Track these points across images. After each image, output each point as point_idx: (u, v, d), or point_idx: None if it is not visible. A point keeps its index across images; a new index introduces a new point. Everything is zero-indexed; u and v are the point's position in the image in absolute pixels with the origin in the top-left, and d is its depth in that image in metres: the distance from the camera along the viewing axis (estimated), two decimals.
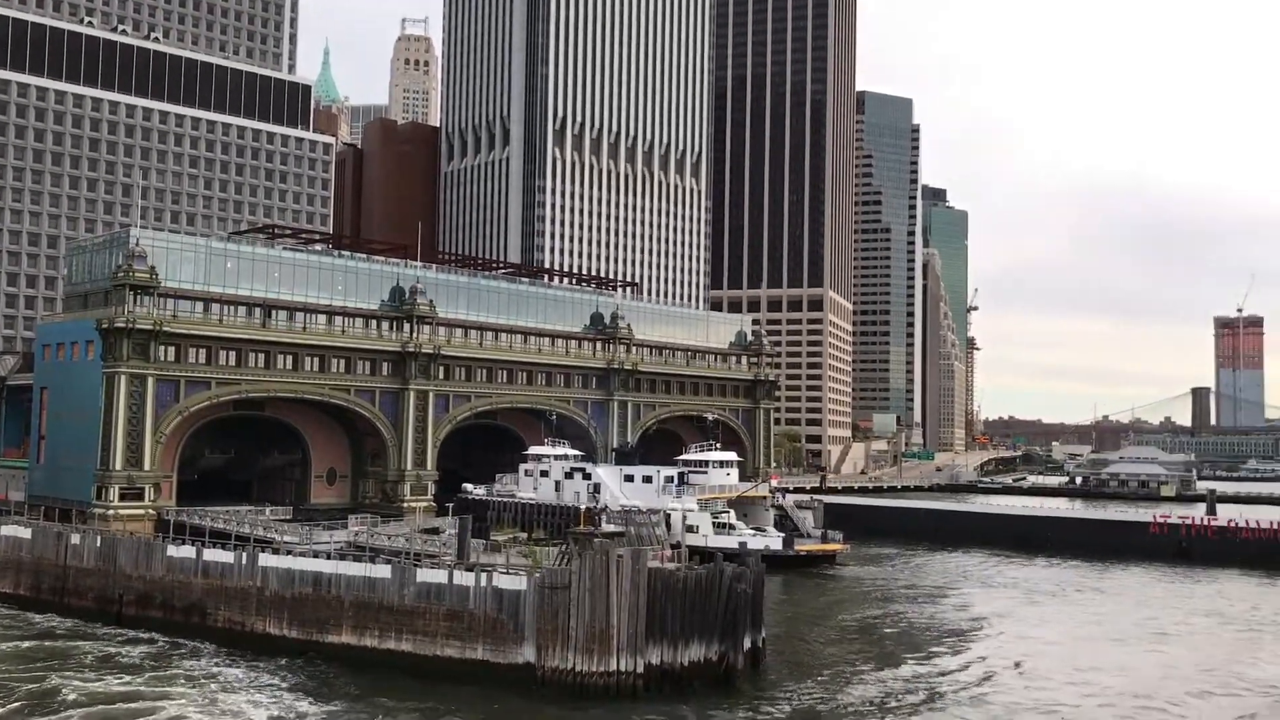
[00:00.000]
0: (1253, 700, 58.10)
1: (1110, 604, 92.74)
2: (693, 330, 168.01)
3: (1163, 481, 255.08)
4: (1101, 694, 58.65)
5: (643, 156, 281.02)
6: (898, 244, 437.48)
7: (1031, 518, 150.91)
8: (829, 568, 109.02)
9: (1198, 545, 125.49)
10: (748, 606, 59.33)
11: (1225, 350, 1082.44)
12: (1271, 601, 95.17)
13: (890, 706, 54.16)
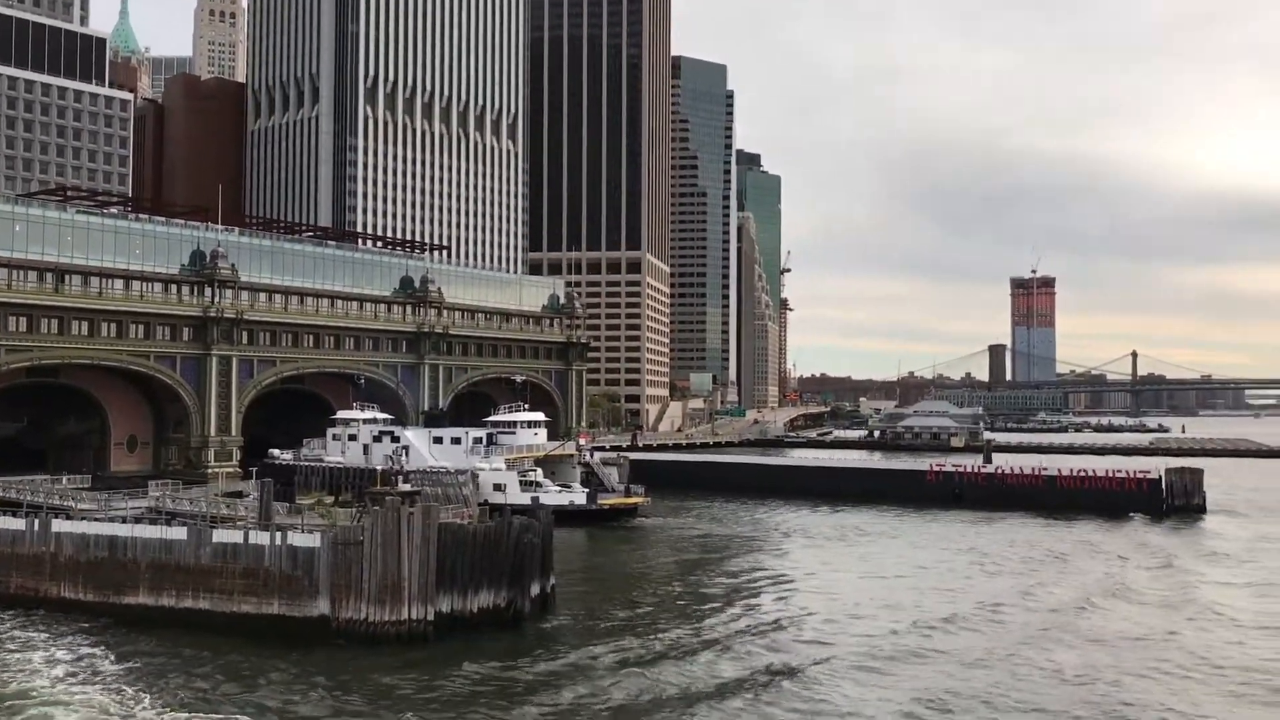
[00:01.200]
0: (973, 611, 65.62)
1: (883, 544, 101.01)
2: (505, 293, 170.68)
3: (953, 433, 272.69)
4: (868, 621, 65.09)
5: (458, 117, 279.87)
6: (713, 208, 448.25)
7: (826, 469, 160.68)
8: (631, 520, 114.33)
9: (970, 491, 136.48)
10: (535, 556, 63.32)
11: (1020, 309, 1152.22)
12: (1023, 536, 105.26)
13: (668, 643, 58.87)
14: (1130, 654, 57.43)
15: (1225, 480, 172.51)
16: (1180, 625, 64.99)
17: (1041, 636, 61.59)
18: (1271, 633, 62.73)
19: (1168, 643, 60.25)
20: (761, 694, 49.14)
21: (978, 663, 55.32)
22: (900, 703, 48.06)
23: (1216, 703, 48.94)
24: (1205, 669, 54.41)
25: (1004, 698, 48.98)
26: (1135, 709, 47.55)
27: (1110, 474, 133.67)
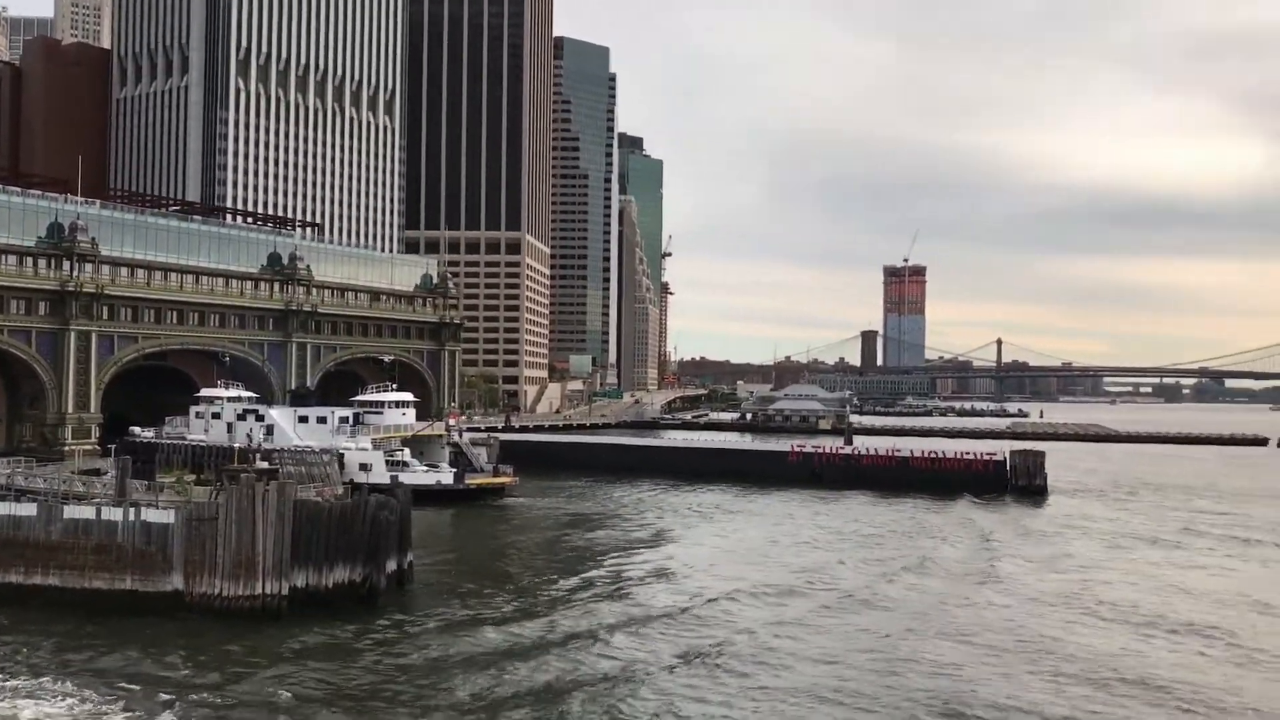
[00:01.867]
0: (799, 582, 69.38)
1: (740, 521, 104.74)
2: (377, 272, 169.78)
3: (821, 416, 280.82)
4: (708, 587, 68.13)
5: (333, 92, 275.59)
6: (595, 190, 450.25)
7: (694, 450, 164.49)
8: (499, 500, 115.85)
9: (828, 471, 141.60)
10: (392, 533, 64.57)
11: (892, 297, 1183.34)
12: (869, 514, 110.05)
13: (523, 618, 60.69)
14: (903, 620, 61.65)
15: (1070, 463, 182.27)
16: (965, 594, 69.78)
17: (843, 603, 66.33)
18: (1040, 604, 67.27)
19: (942, 609, 64.92)
20: (614, 669, 51.16)
21: (791, 626, 59.12)
22: (731, 675, 50.96)
23: (962, 657, 53.56)
24: (967, 632, 58.63)
25: (799, 654, 52.71)
26: (894, 660, 52.41)
27: (959, 455, 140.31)
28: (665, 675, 49.61)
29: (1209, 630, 59.68)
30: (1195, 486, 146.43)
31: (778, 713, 44.63)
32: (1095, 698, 46.86)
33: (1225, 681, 49.87)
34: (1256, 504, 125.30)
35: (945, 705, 45.42)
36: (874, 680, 49.00)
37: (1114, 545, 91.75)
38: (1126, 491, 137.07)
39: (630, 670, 50.38)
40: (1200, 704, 46.25)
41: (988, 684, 48.57)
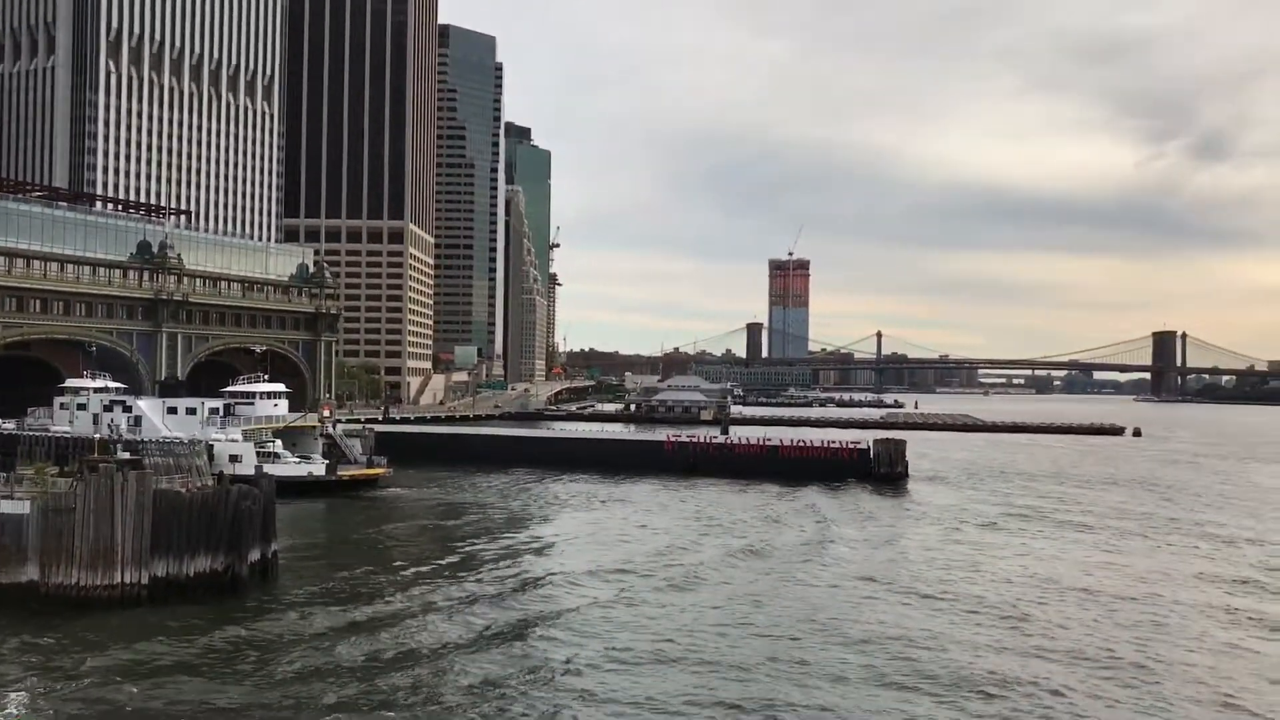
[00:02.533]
0: (658, 564, 72.35)
1: (611, 509, 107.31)
2: (252, 261, 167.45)
3: (703, 406, 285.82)
4: (568, 572, 70.38)
5: (209, 76, 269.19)
6: (481, 180, 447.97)
7: (573, 440, 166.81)
8: (371, 491, 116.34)
9: (703, 461, 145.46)
10: (255, 523, 65.24)
11: (778, 289, 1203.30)
12: (736, 500, 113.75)
13: (386, 605, 61.97)
14: (726, 596, 65.52)
15: (935, 451, 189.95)
16: (791, 572, 73.88)
17: (680, 581, 70.00)
18: (851, 579, 71.50)
19: (767, 587, 68.83)
20: (477, 651, 52.74)
21: (621, 604, 62.00)
22: (596, 648, 53.35)
23: (765, 625, 57.91)
24: (772, 610, 62.21)
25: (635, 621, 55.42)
26: (714, 630, 55.89)
27: (825, 444, 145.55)
28: (514, 651, 51.73)
29: (990, 606, 63.41)
30: (1046, 474, 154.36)
31: (597, 679, 47.08)
32: (856, 660, 50.48)
33: (972, 650, 53.43)
34: (1097, 490, 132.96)
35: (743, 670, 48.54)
36: (684, 647, 52.12)
37: (951, 527, 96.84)
38: (979, 479, 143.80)
39: (484, 646, 52.36)
40: (931, 669, 49.83)
41: (778, 648, 52.19)
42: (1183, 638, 56.50)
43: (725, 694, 45.73)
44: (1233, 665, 51.32)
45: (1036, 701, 44.98)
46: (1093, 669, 50.00)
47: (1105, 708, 44.47)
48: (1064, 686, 46.96)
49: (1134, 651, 53.10)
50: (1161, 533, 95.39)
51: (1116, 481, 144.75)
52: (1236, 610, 63.07)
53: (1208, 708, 44.76)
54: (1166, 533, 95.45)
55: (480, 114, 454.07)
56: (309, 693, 45.51)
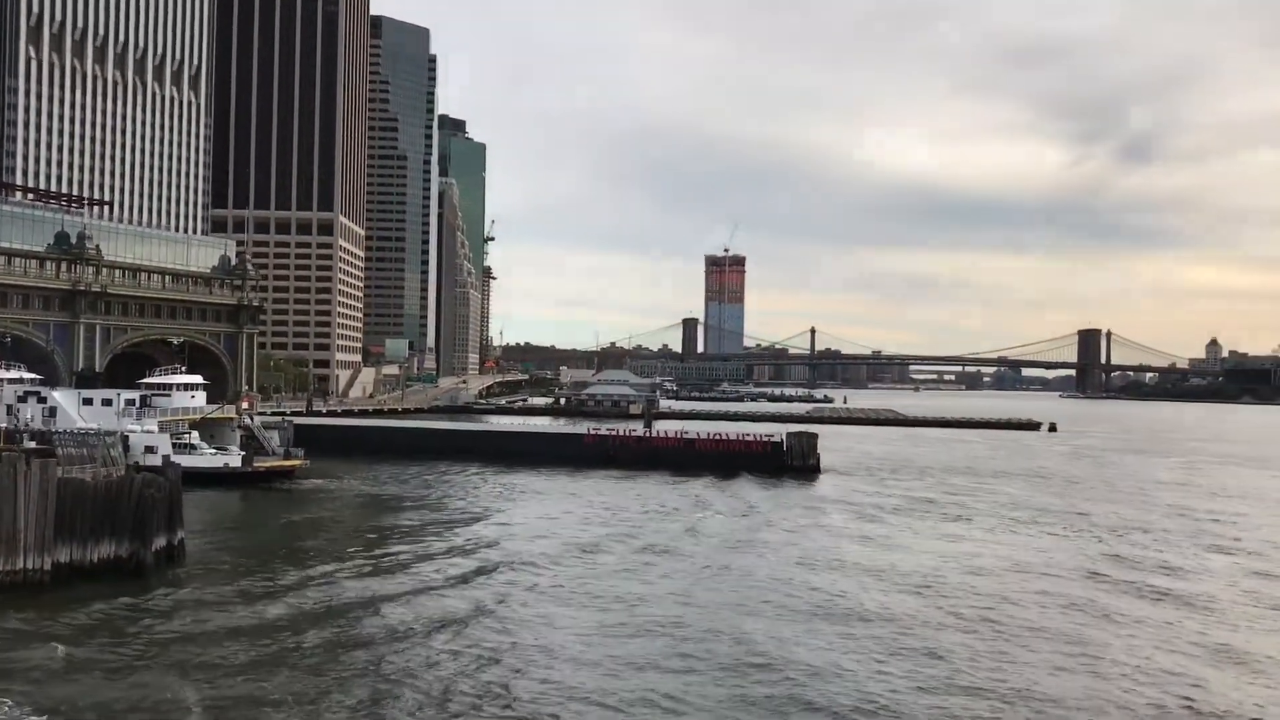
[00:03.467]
0: (561, 549, 75.10)
1: (527, 499, 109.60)
2: (173, 253, 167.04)
3: (632, 401, 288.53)
4: (469, 562, 72.64)
5: (134, 64, 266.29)
6: (414, 172, 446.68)
7: (496, 433, 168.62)
8: (288, 482, 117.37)
9: (622, 453, 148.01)
10: (160, 510, 66.64)
11: (714, 285, 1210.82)
12: (645, 491, 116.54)
13: (288, 591, 63.59)
14: (603, 578, 68.83)
15: (853, 445, 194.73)
16: (655, 558, 77.24)
17: (576, 565, 73.51)
18: (703, 568, 74.82)
19: (639, 567, 72.87)
20: (374, 635, 54.61)
21: (527, 591, 64.55)
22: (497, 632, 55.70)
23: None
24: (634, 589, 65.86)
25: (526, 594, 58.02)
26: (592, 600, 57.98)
27: (740, 438, 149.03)
28: (420, 638, 53.83)
29: (826, 590, 66.64)
30: (957, 467, 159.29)
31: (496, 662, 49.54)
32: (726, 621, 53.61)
33: (797, 633, 56.08)
34: (1002, 482, 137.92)
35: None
36: (583, 619, 54.81)
37: (852, 516, 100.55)
38: (891, 471, 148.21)
39: (390, 635, 54.24)
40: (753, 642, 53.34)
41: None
42: (1006, 618, 59.68)
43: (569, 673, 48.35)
44: (1046, 646, 54.28)
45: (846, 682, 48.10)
46: (914, 655, 52.40)
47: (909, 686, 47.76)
48: (877, 672, 50.22)
49: (952, 632, 56.31)
50: (1037, 522, 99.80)
51: (1015, 474, 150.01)
52: (1076, 596, 66.51)
53: (1006, 674, 48.21)
54: (1043, 523, 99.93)
55: (413, 106, 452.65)
56: (206, 677, 46.65)
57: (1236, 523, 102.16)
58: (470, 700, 43.91)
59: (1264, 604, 64.89)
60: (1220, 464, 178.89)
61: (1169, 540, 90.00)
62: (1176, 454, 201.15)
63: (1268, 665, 51.00)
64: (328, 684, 45.95)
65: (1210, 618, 60.83)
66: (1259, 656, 52.43)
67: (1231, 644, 54.71)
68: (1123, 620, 59.65)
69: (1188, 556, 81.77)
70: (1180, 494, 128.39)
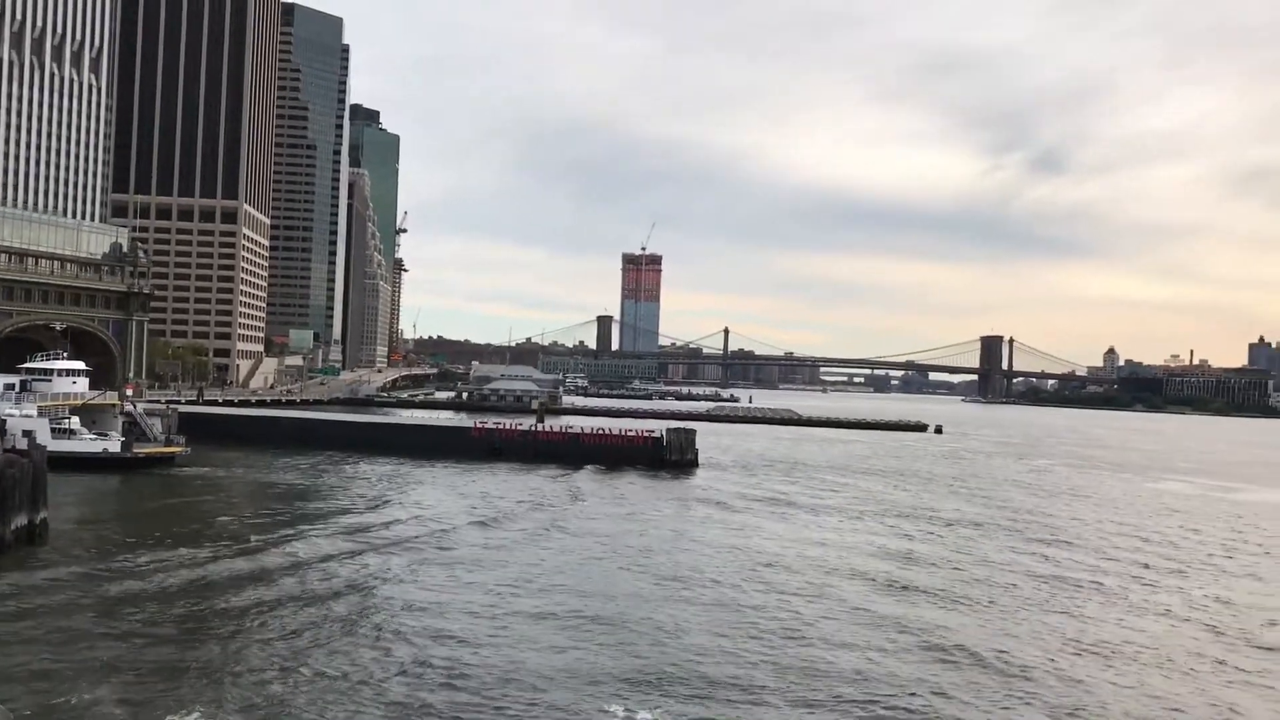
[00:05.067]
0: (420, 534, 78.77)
1: (409, 489, 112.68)
2: (63, 238, 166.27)
3: (534, 396, 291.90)
4: (340, 544, 75.90)
5: (31, 44, 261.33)
6: (323, 162, 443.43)
7: (386, 425, 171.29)
8: (168, 469, 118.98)
9: (508, 447, 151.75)
10: (21, 490, 68.85)
11: (630, 283, 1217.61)
12: (515, 483, 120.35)
13: (144, 572, 66.00)
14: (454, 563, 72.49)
15: (738, 443, 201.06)
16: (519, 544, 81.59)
17: (434, 547, 77.47)
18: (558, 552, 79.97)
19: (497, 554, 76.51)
20: (239, 616, 57.05)
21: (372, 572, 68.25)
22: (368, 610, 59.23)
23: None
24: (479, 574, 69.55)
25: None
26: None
27: (623, 433, 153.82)
28: (279, 618, 57.01)
29: (661, 569, 72.27)
30: (830, 465, 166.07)
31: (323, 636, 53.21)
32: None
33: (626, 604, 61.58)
34: (865, 479, 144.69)
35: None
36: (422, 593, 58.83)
37: (711, 506, 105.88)
38: (764, 467, 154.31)
39: (239, 611, 57.42)
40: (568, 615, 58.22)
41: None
42: (815, 600, 65.18)
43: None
44: (845, 623, 59.97)
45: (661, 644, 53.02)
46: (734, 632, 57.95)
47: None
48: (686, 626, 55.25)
49: (767, 611, 61.81)
50: (876, 515, 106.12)
51: (882, 472, 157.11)
52: (891, 578, 72.51)
53: (792, 642, 53.51)
54: (882, 514, 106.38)
55: (325, 95, 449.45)
56: (61, 654, 48.11)
57: (1065, 519, 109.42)
58: (312, 674, 47.27)
59: (1046, 590, 70.71)
60: (1080, 468, 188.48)
61: (992, 533, 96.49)
62: (1045, 457, 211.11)
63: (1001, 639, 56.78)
64: (169, 656, 48.37)
65: (984, 602, 66.60)
66: (1004, 634, 58.30)
67: (989, 622, 60.71)
68: (911, 597, 65.52)
69: (1002, 549, 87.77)
70: (1025, 493, 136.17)
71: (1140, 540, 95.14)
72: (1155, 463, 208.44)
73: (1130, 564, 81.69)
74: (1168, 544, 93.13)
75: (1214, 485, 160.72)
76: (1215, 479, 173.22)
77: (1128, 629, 59.56)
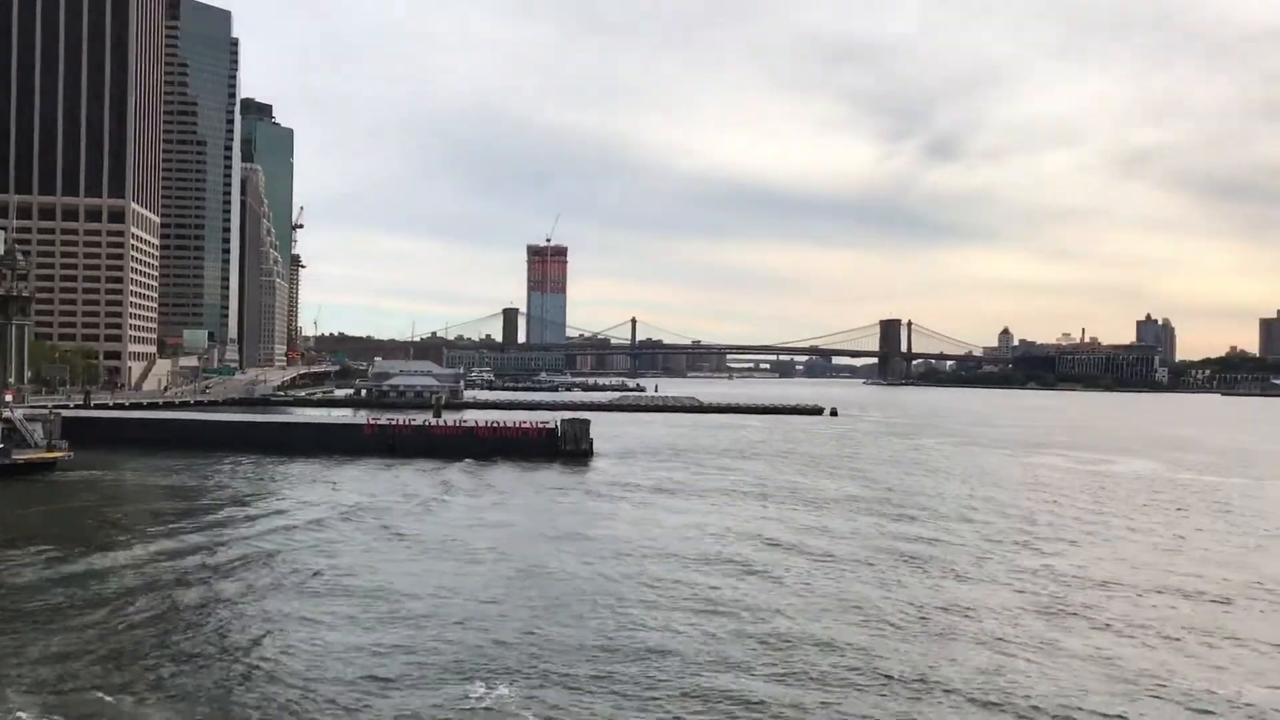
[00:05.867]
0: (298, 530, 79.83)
1: (297, 486, 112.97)
2: None
3: (435, 391, 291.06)
4: (201, 540, 76.47)
5: None
6: (214, 158, 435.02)
7: (278, 424, 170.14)
8: (49, 474, 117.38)
9: (402, 442, 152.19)
10: None
11: (536, 275, 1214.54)
12: (406, 478, 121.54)
13: (22, 581, 66.50)
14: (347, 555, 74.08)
15: (642, 430, 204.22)
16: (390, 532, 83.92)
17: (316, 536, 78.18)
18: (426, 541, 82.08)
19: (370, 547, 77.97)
20: (112, 620, 57.22)
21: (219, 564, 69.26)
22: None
23: None
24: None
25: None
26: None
27: (517, 425, 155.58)
28: (155, 620, 57.77)
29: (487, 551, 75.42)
30: (722, 449, 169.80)
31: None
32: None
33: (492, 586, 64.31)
34: (751, 462, 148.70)
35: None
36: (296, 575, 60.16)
37: (600, 495, 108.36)
38: (656, 454, 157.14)
39: (119, 616, 57.74)
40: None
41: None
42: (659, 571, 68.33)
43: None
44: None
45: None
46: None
47: None
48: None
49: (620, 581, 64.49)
50: (755, 495, 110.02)
51: (769, 455, 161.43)
52: (734, 554, 75.73)
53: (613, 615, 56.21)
54: (757, 495, 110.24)
55: (214, 90, 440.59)
56: None
57: (931, 494, 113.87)
58: (168, 666, 48.54)
59: (885, 561, 74.28)
60: (960, 445, 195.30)
61: (853, 510, 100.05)
62: (929, 436, 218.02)
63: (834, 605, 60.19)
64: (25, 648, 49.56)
65: (828, 570, 70.16)
66: (836, 597, 61.65)
67: (811, 587, 64.34)
68: (760, 571, 68.89)
69: (860, 524, 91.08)
70: (900, 471, 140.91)
71: (997, 513, 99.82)
72: (1036, 438, 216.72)
73: (978, 536, 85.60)
74: (1021, 516, 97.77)
75: (1087, 458, 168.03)
76: (1089, 451, 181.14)
77: (950, 596, 62.65)
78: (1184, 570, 72.45)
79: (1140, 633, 55.21)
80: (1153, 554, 78.98)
